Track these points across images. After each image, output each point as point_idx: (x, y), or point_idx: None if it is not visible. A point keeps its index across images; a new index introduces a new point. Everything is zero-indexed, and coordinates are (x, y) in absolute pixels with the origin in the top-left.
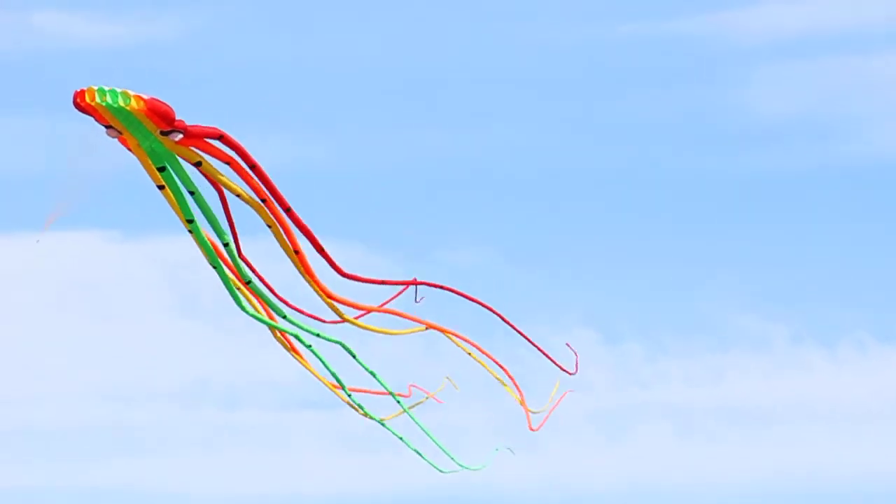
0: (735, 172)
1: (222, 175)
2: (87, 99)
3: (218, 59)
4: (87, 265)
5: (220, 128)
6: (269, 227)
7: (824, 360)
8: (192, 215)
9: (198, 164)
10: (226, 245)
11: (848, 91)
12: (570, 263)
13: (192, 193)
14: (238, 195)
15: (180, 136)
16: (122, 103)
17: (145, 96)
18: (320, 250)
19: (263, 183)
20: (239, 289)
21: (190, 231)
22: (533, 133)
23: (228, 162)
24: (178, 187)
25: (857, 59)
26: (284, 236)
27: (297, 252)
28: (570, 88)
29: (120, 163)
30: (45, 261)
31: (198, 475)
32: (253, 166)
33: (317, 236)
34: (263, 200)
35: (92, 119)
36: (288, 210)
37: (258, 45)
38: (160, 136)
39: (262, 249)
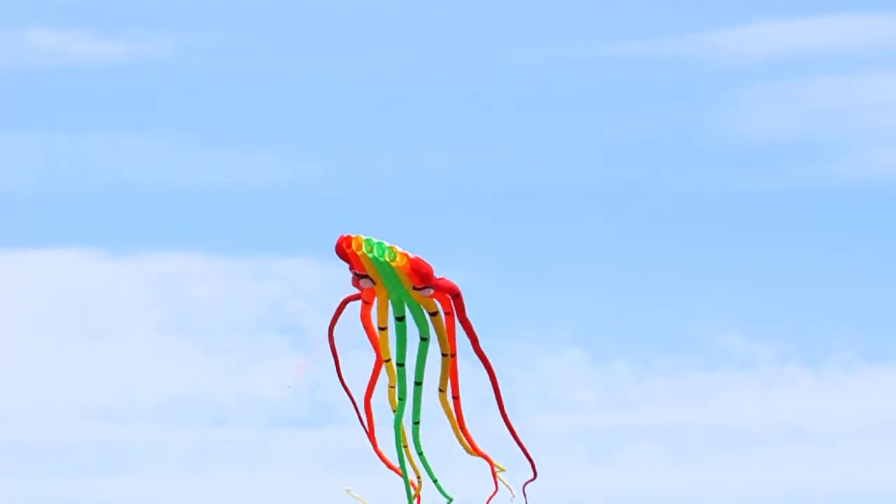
0: (723, 193)
1: (442, 326)
2: (353, 247)
3: (210, 77)
4: (73, 283)
5: (458, 287)
6: (441, 390)
7: (811, 380)
8: (403, 359)
9: (434, 314)
10: (418, 384)
11: (837, 112)
12: (558, 282)
13: (423, 340)
14: (444, 353)
15: (431, 291)
16: (387, 258)
17: (410, 255)
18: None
19: (470, 339)
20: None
21: (396, 370)
22: (522, 153)
23: (448, 312)
24: (404, 335)
25: (847, 79)
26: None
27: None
28: (559, 108)
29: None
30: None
31: (184, 493)
32: (469, 330)
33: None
34: (451, 355)
35: (347, 265)
36: (485, 360)
37: (250, 63)
38: (412, 290)
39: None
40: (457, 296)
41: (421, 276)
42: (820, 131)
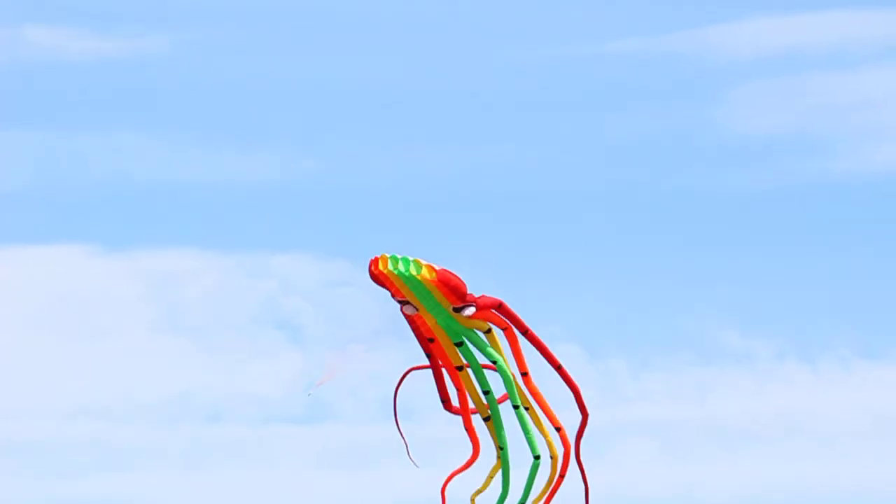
0: (718, 190)
1: (498, 343)
2: (381, 266)
3: (207, 75)
4: (68, 279)
5: (500, 298)
6: (516, 407)
7: (807, 377)
8: (488, 386)
9: (487, 332)
10: (516, 408)
11: (833, 108)
12: (553, 279)
13: (493, 362)
14: (524, 372)
15: (473, 310)
16: (413, 272)
17: (437, 267)
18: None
19: (536, 347)
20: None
21: (487, 416)
22: (517, 151)
23: (505, 328)
24: (475, 361)
25: (842, 75)
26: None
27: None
28: (555, 107)
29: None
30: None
31: (180, 490)
32: (525, 332)
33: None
34: (524, 374)
35: (388, 293)
36: (559, 368)
37: (247, 61)
38: (453, 312)
39: None
40: (499, 306)
41: (451, 289)
42: (815, 128)
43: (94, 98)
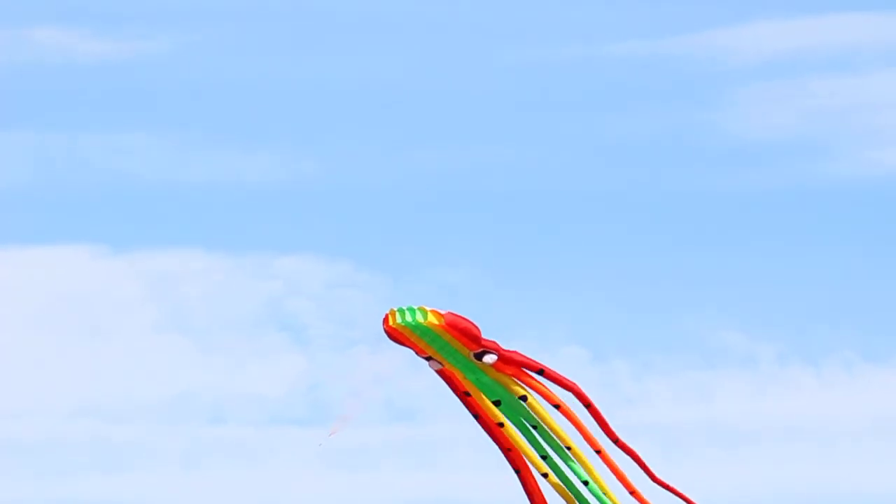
0: (722, 192)
1: (547, 413)
2: (390, 322)
3: (210, 75)
4: (75, 279)
5: (542, 362)
6: (586, 482)
7: (811, 379)
8: (544, 451)
9: (523, 399)
10: (585, 483)
11: (834, 111)
12: (557, 281)
13: (534, 427)
14: (567, 445)
15: (494, 357)
16: (419, 319)
17: (442, 311)
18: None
19: (597, 420)
20: None
21: (545, 474)
22: (521, 152)
23: (557, 405)
24: (520, 421)
25: (844, 78)
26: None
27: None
28: (558, 108)
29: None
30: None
31: (179, 490)
32: (588, 405)
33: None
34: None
35: (412, 352)
36: (616, 441)
37: (250, 62)
38: (474, 359)
39: None
40: (541, 371)
41: (462, 331)
42: (817, 131)
43: (98, 99)
